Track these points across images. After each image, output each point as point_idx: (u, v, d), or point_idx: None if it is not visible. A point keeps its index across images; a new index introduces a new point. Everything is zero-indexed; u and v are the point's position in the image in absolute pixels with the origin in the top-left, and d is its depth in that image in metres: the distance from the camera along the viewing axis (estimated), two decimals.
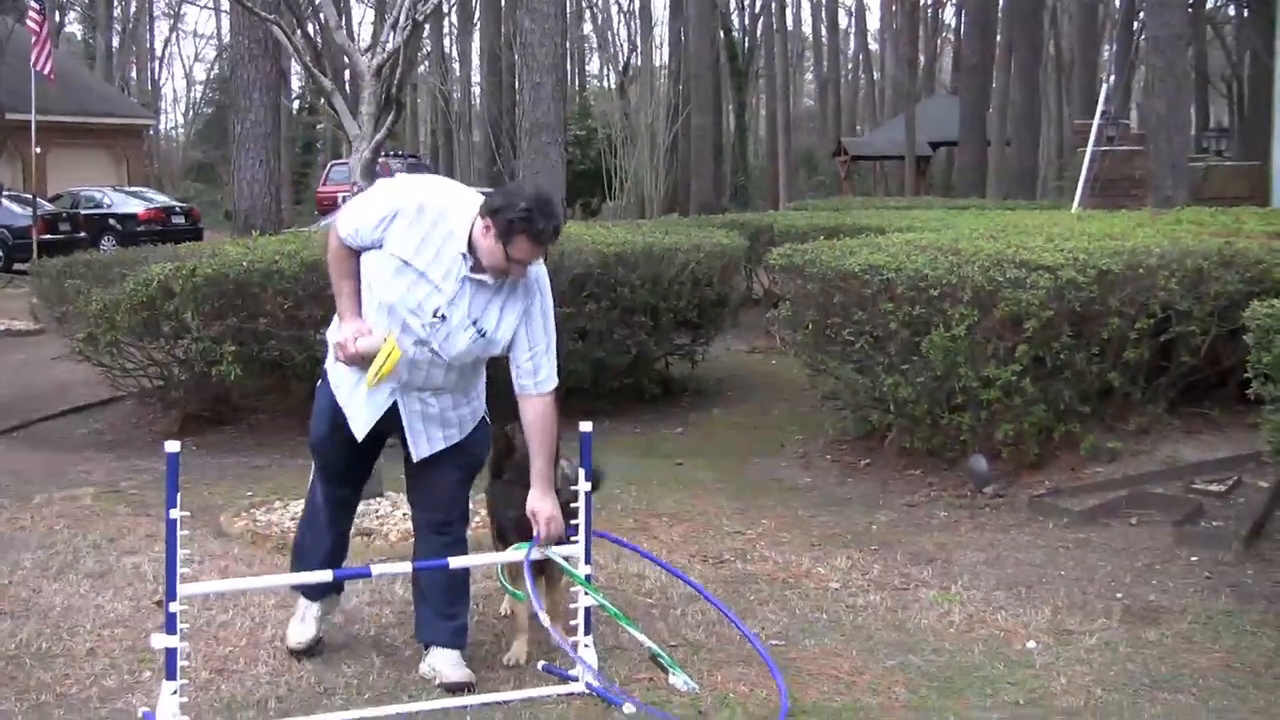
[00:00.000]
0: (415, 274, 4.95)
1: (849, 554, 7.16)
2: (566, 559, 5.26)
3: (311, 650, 5.53)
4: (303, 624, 5.58)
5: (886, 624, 6.04)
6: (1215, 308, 8.34)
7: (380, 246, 4.99)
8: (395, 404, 5.16)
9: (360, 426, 5.20)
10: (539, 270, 5.14)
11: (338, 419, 5.25)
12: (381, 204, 5.02)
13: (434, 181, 5.23)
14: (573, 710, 5.02)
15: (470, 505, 5.63)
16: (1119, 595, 6.43)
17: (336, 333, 5.16)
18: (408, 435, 5.22)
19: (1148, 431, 8.54)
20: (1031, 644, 5.74)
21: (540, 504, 5.13)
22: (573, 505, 5.27)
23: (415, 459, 5.26)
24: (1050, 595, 6.40)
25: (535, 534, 5.14)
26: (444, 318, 4.97)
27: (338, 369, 5.22)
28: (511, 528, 5.41)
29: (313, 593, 5.57)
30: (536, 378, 5.13)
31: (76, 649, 5.62)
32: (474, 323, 5.01)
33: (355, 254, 5.08)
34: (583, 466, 5.26)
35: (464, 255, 4.94)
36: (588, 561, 5.28)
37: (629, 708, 4.94)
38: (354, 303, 5.10)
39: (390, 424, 5.23)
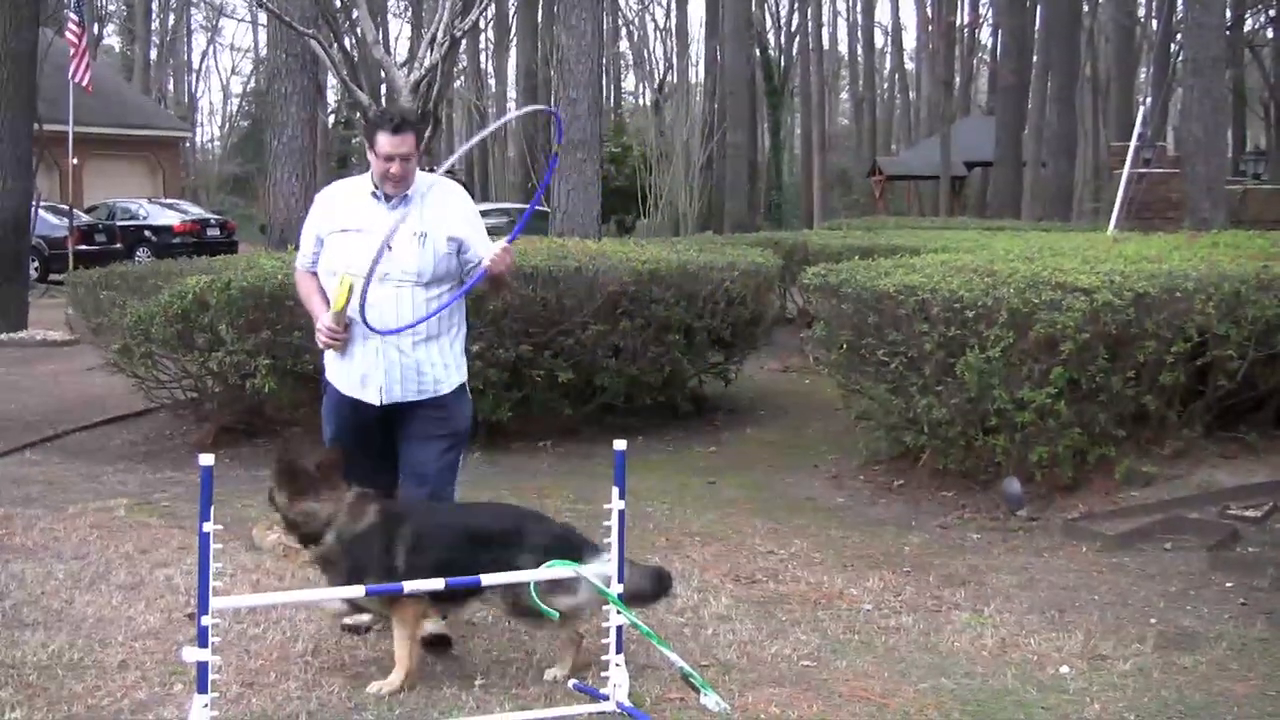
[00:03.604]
0: (353, 232, 5.82)
1: (881, 575, 7.14)
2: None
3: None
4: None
5: (919, 646, 6.02)
6: (1252, 332, 8.30)
7: (323, 244, 5.98)
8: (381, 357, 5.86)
9: (373, 391, 5.90)
10: (454, 185, 6.16)
11: (344, 411, 6.07)
12: (310, 222, 6.14)
13: None
14: None
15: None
16: (1153, 620, 6.39)
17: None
18: (383, 380, 5.88)
19: (1183, 456, 8.49)
20: (1065, 669, 5.70)
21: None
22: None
23: (382, 402, 5.90)
24: (1084, 620, 6.36)
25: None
26: (390, 246, 5.67)
27: (333, 369, 6.08)
28: None
29: None
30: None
31: (108, 661, 5.63)
32: (413, 234, 5.79)
33: (315, 275, 6.05)
34: (616, 485, 5.25)
35: (374, 195, 5.87)
36: (620, 580, 5.28)
37: None
38: (323, 303, 5.95)
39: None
